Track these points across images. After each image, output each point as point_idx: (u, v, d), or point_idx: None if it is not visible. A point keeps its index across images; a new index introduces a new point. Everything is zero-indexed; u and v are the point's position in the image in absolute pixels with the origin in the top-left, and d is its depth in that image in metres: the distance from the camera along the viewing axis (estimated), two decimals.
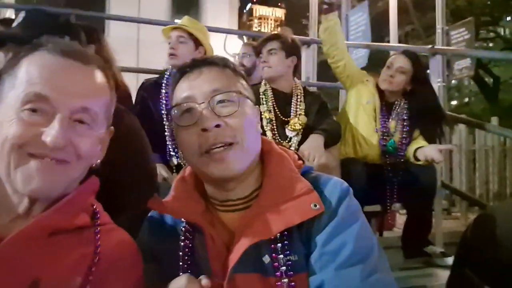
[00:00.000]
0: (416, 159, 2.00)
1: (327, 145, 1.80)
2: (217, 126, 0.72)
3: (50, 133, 0.59)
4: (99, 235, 0.68)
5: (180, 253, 0.75)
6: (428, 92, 2.13)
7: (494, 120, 3.81)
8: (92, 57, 0.69)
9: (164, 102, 1.97)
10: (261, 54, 2.02)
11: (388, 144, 2.08)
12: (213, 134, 0.71)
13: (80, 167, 0.65)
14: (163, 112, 1.96)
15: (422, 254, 1.99)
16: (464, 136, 3.66)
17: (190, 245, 0.75)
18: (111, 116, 0.73)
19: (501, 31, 11.73)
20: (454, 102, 13.16)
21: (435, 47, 2.69)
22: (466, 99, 13.58)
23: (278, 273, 0.68)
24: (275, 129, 1.92)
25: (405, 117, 2.12)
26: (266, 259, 0.70)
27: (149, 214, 0.84)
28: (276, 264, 0.69)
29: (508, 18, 11.61)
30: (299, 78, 2.46)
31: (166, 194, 0.81)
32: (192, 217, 0.74)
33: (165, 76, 2.04)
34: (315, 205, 0.70)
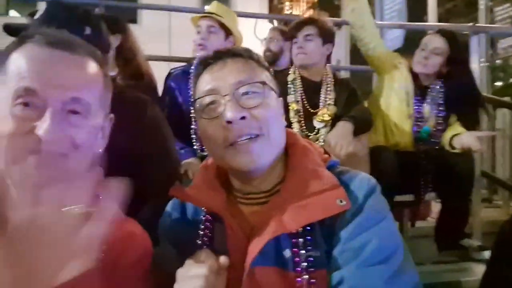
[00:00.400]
0: (452, 147, 1.88)
1: (357, 133, 1.71)
2: (243, 118, 0.70)
3: (42, 127, 0.59)
4: None
5: (199, 242, 0.75)
6: (466, 74, 1.98)
7: None
8: (80, 46, 0.68)
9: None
10: (295, 38, 1.90)
11: (422, 130, 1.97)
12: (239, 126, 0.70)
13: (79, 158, 0.64)
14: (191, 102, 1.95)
15: (458, 247, 1.89)
16: (508, 121, 3.40)
17: (210, 234, 0.75)
18: (108, 103, 0.72)
19: None
20: (499, 83, 12.36)
21: (477, 24, 2.49)
22: None
23: (298, 268, 0.67)
24: (302, 121, 1.85)
25: (440, 102, 1.99)
26: (287, 253, 0.68)
27: (170, 202, 0.84)
28: (297, 259, 0.68)
29: None
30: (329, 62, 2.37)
31: None
32: (213, 207, 0.74)
33: (194, 65, 2.01)
34: (341, 201, 0.68)
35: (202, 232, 0.75)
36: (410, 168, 1.89)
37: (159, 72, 2.23)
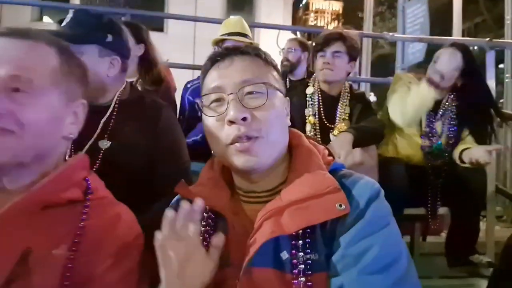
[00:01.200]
0: (462, 161, 1.85)
1: (363, 143, 1.73)
2: (244, 119, 0.71)
3: None
4: (87, 209, 0.72)
5: (201, 238, 0.74)
6: (480, 87, 1.94)
7: None
8: (35, 34, 0.73)
9: None
10: (322, 52, 1.90)
11: (434, 146, 1.94)
12: (239, 127, 0.71)
13: (31, 137, 0.68)
14: None
15: (467, 263, 1.84)
16: None
17: (211, 231, 0.75)
18: (69, 86, 0.76)
19: None
20: None
21: (494, 40, 2.44)
22: None
23: (295, 271, 0.67)
24: (318, 134, 1.87)
25: (452, 116, 1.96)
26: (284, 254, 0.68)
27: (176, 197, 0.85)
28: (295, 261, 0.67)
29: None
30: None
31: None
32: (216, 205, 0.74)
33: None
34: (341, 205, 0.67)
35: (203, 229, 0.75)
36: (420, 181, 1.87)
37: (183, 79, 2.32)
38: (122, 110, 1.23)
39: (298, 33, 6.87)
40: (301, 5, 13.51)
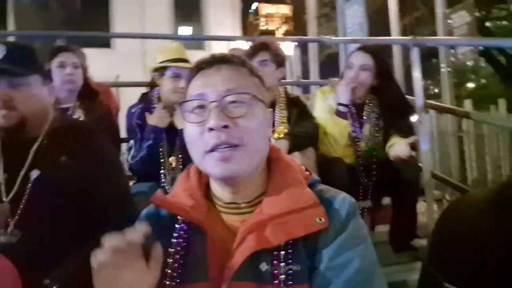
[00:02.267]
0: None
1: (299, 148, 1.82)
2: (225, 127, 0.71)
3: None
4: None
5: (172, 250, 0.73)
6: (393, 86, 2.08)
7: (502, 103, 3.66)
8: None
9: None
10: None
11: (365, 149, 2.07)
12: (220, 134, 0.70)
13: None
14: None
15: (410, 248, 1.96)
16: (472, 122, 3.50)
17: (184, 244, 0.74)
18: None
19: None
20: (471, 85, 12.78)
21: (417, 37, 2.63)
22: (484, 81, 13.12)
23: (276, 281, 0.67)
24: None
25: (376, 116, 2.08)
26: (263, 266, 0.69)
27: (145, 209, 0.83)
28: (276, 271, 0.68)
29: None
30: (285, 78, 2.44)
31: None
32: (194, 217, 0.73)
33: (152, 103, 2.01)
34: (320, 219, 0.70)
35: (175, 241, 0.74)
36: (357, 177, 1.98)
37: (133, 95, 2.30)
38: (53, 138, 1.22)
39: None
40: (250, 10, 13.69)
